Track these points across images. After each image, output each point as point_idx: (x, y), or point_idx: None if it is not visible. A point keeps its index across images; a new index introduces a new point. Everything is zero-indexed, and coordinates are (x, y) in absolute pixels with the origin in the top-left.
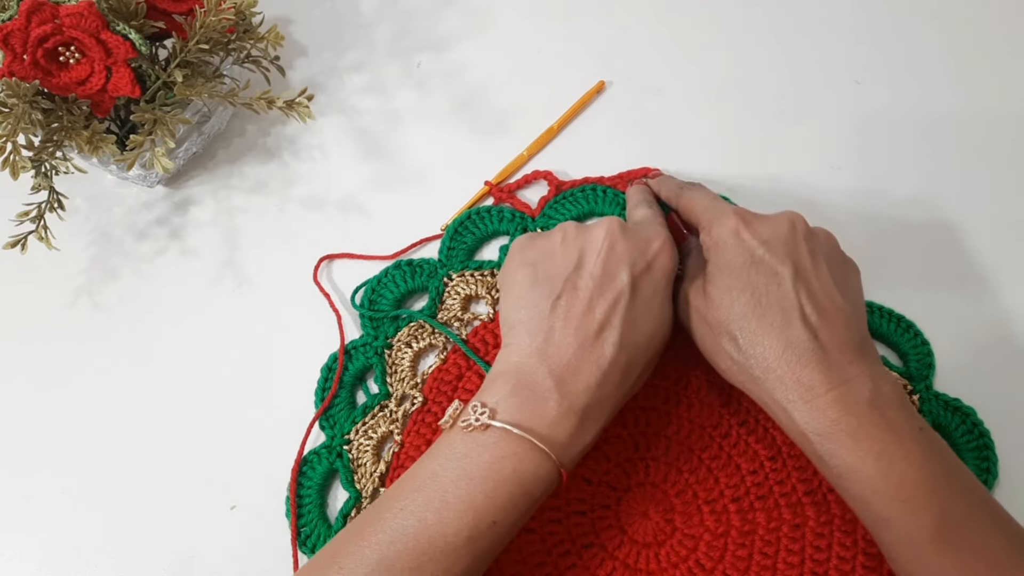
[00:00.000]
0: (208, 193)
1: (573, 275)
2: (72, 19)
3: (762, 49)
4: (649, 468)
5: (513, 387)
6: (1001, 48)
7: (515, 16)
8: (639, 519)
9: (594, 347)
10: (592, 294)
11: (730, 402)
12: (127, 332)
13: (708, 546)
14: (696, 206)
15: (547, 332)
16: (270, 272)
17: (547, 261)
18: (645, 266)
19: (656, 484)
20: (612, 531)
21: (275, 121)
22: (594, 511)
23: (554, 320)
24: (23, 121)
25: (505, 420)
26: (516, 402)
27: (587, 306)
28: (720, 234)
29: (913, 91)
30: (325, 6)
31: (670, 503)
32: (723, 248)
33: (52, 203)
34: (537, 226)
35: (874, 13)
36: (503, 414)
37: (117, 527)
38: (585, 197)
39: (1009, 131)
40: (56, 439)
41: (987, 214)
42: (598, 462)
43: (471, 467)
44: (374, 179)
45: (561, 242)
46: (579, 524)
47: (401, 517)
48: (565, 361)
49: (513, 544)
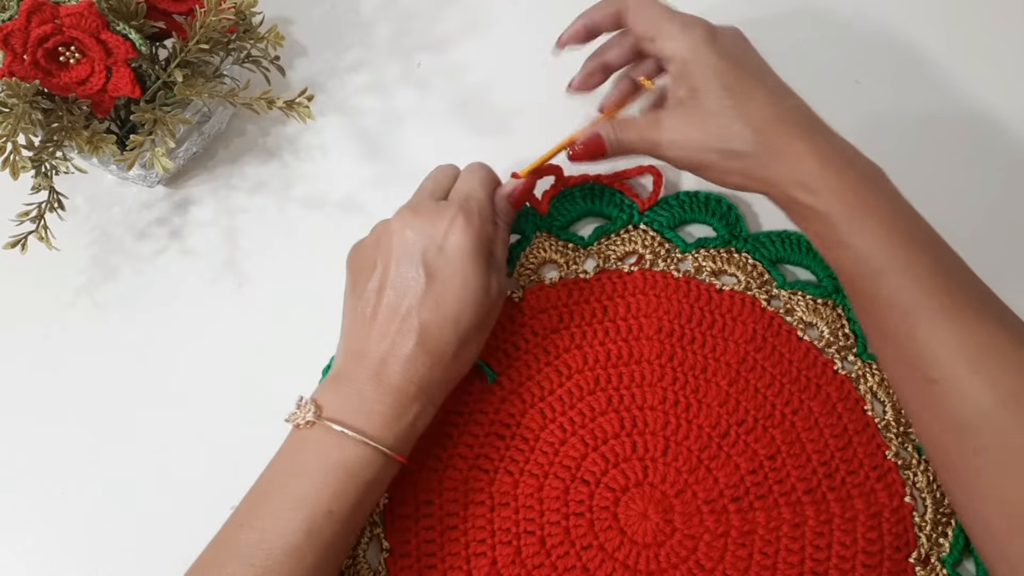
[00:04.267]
0: (208, 193)
1: (375, 275)
2: (72, 19)
3: (762, 49)
4: (648, 469)
5: (336, 385)
6: (1002, 48)
7: (515, 16)
8: (638, 520)
9: (398, 338)
10: (389, 289)
11: (728, 401)
12: (127, 332)
13: (708, 546)
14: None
15: (360, 333)
16: (270, 272)
17: (360, 266)
18: (436, 249)
19: (655, 485)
20: (611, 532)
21: (275, 121)
22: (593, 512)
23: (363, 321)
24: (23, 121)
25: (326, 416)
26: (336, 399)
27: (387, 301)
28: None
29: (913, 91)
30: (325, 6)
31: (669, 503)
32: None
33: (52, 203)
34: (544, 226)
35: (874, 13)
36: (325, 410)
37: (117, 527)
38: (583, 196)
39: (1010, 131)
40: (56, 439)
41: (987, 214)
42: (596, 463)
43: (300, 463)
44: (374, 179)
45: (371, 245)
46: (578, 526)
47: (243, 534)
48: (377, 356)
49: (512, 546)
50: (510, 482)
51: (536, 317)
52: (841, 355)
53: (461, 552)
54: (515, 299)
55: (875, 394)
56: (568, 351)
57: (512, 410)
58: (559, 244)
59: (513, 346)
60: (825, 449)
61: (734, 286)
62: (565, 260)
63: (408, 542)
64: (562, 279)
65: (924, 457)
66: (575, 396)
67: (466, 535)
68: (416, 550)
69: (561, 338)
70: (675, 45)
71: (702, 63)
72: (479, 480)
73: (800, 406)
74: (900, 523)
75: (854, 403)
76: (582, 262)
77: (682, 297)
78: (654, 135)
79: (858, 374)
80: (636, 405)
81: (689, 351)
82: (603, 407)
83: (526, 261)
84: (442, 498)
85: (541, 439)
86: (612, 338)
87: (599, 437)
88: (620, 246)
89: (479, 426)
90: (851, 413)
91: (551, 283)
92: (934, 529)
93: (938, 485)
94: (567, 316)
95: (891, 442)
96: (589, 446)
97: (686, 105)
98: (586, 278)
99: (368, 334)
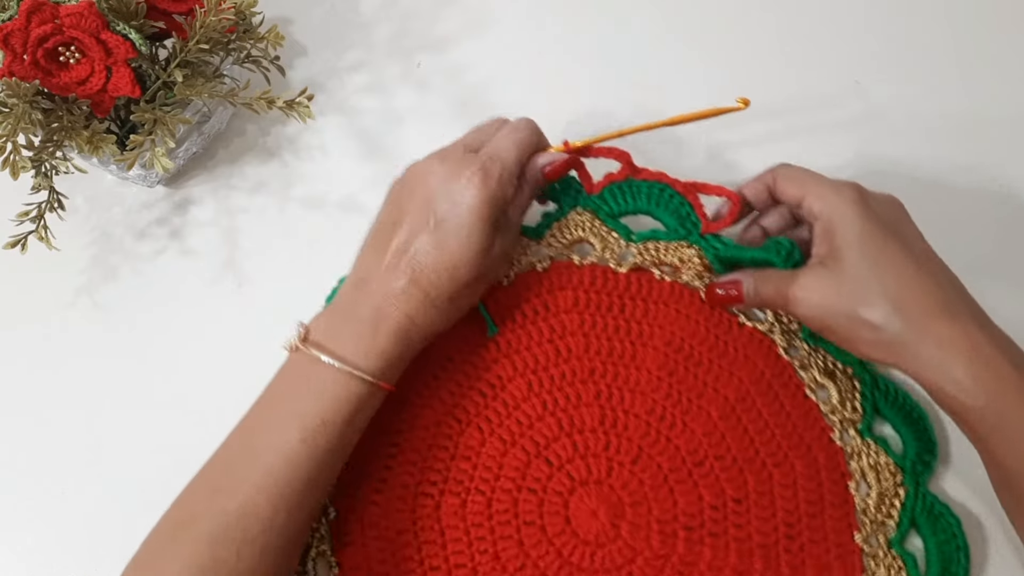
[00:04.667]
0: (208, 193)
1: (394, 212)
2: (72, 19)
3: (762, 48)
4: (613, 470)
5: (332, 311)
6: (1002, 48)
7: (515, 16)
8: (587, 516)
9: (398, 273)
10: (403, 228)
11: (713, 432)
12: (127, 332)
13: (645, 563)
14: (794, 178)
15: (368, 262)
16: (270, 272)
17: (388, 200)
18: (450, 201)
19: (614, 487)
20: (557, 518)
21: (275, 121)
22: (546, 493)
23: (372, 251)
24: (23, 121)
25: (313, 341)
26: (329, 324)
27: (398, 237)
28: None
29: (913, 91)
30: (325, 6)
31: (623, 510)
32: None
33: (52, 203)
34: (590, 203)
35: (874, 13)
36: (316, 335)
37: (117, 527)
38: (648, 194)
39: (1010, 131)
40: (56, 439)
41: (987, 214)
42: (564, 448)
43: (294, 381)
44: (374, 179)
45: (400, 182)
46: (527, 500)
47: (241, 448)
48: (376, 286)
49: (458, 500)
50: (478, 438)
51: (554, 292)
52: (843, 426)
53: (411, 488)
54: (539, 269)
55: (864, 475)
56: (573, 334)
57: (500, 372)
58: (603, 229)
59: (522, 313)
60: (795, 510)
61: (758, 324)
62: (603, 247)
63: (366, 459)
64: (592, 264)
65: (892, 552)
66: (565, 379)
67: (421, 474)
68: (370, 468)
69: (571, 319)
70: (822, 204)
71: (846, 223)
72: (450, 429)
73: (783, 460)
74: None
75: (839, 476)
76: (620, 254)
77: (703, 318)
78: (788, 290)
79: (853, 450)
80: (622, 407)
81: (692, 372)
82: (589, 398)
83: (559, 234)
84: (406, 445)
85: (520, 408)
86: (620, 336)
87: (575, 424)
88: (664, 254)
89: (465, 376)
90: (833, 485)
91: (579, 264)
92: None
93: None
94: (584, 300)
95: (864, 526)
96: (563, 430)
97: (825, 265)
98: (616, 271)
99: (374, 264)
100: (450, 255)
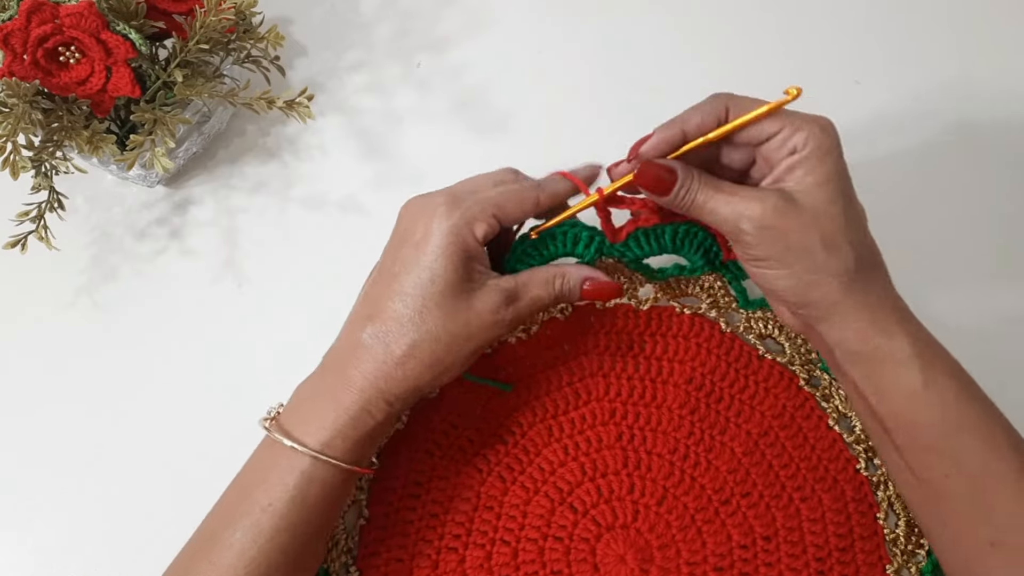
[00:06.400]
0: (208, 193)
1: (382, 259)
2: (72, 19)
3: (762, 48)
4: (639, 513)
5: (300, 395)
6: (1002, 48)
7: (515, 16)
8: (615, 561)
9: (358, 324)
10: (376, 272)
11: (738, 469)
12: (127, 332)
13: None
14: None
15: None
16: (270, 272)
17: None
18: (420, 228)
19: (641, 531)
20: (585, 565)
21: (275, 121)
22: (572, 540)
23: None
24: (23, 121)
25: (281, 421)
26: (302, 398)
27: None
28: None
29: (913, 91)
30: (325, 6)
31: (651, 554)
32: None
33: (52, 203)
34: (614, 251)
35: (874, 13)
36: (284, 414)
37: (117, 527)
38: (672, 236)
39: (1010, 131)
40: (56, 439)
41: (987, 214)
42: (589, 493)
43: (255, 461)
44: (374, 179)
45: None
46: (554, 549)
47: (202, 526)
48: (335, 367)
49: (483, 552)
50: (500, 487)
51: (574, 338)
52: (867, 455)
53: (435, 542)
54: (560, 317)
55: (892, 504)
56: (593, 376)
57: (521, 419)
58: (627, 271)
59: (542, 360)
60: (825, 545)
61: (778, 355)
62: (628, 288)
63: (387, 515)
64: (615, 305)
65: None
66: (587, 422)
67: (444, 527)
68: (390, 522)
69: (591, 361)
70: (804, 137)
71: (831, 161)
72: (471, 479)
73: (811, 495)
74: None
75: (867, 507)
76: (639, 289)
77: (723, 353)
78: (746, 203)
79: (879, 479)
80: (645, 447)
81: (713, 409)
82: (611, 440)
83: None
84: (427, 497)
85: (542, 455)
86: (640, 375)
87: (599, 468)
88: (685, 285)
89: (485, 424)
90: (862, 517)
91: (601, 305)
92: None
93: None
94: (604, 340)
95: (895, 557)
96: (587, 474)
97: (795, 198)
98: (637, 308)
99: (354, 312)
100: (400, 283)
